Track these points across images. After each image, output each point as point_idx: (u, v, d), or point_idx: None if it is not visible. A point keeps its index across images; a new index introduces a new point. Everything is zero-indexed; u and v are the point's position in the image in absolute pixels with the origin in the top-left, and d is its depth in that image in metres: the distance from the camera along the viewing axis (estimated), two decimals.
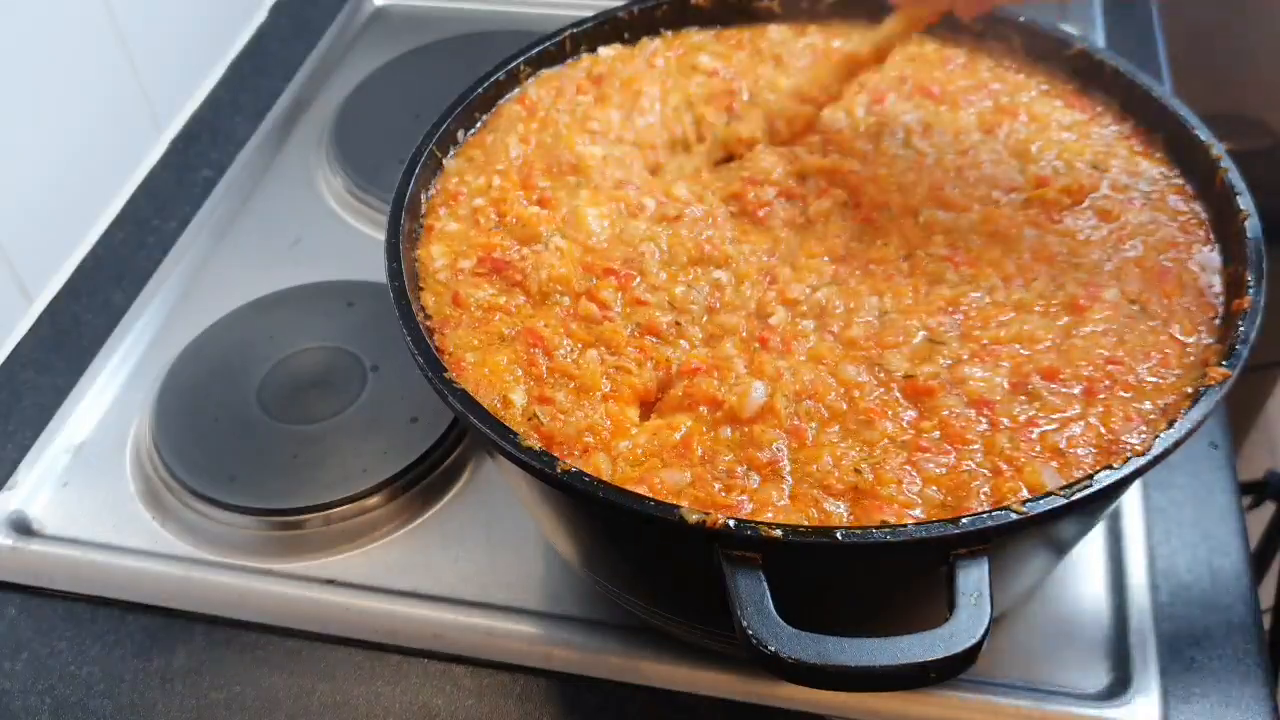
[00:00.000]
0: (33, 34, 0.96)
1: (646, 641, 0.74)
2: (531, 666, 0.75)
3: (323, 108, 1.16)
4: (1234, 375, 0.59)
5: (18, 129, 0.96)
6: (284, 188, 1.08)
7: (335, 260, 0.99)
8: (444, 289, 0.70)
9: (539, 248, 0.72)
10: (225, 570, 0.79)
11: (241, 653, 0.76)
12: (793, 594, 0.51)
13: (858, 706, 0.71)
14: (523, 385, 0.65)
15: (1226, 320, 0.64)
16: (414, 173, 0.73)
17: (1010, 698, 0.71)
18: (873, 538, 0.53)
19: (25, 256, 0.97)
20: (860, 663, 0.50)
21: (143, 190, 1.09)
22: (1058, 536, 0.65)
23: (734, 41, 0.87)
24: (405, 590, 0.77)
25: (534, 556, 0.79)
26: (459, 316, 0.69)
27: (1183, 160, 0.74)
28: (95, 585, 0.79)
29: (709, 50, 0.86)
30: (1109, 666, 0.73)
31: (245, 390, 0.87)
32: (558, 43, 0.83)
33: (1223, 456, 0.83)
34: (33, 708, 0.74)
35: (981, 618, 0.51)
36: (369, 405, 0.86)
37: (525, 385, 0.65)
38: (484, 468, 0.84)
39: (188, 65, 1.18)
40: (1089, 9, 1.22)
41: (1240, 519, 0.80)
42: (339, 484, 0.81)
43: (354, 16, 1.28)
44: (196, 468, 0.82)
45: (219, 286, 0.98)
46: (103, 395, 0.91)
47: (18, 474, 0.85)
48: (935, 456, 0.59)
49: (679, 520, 0.53)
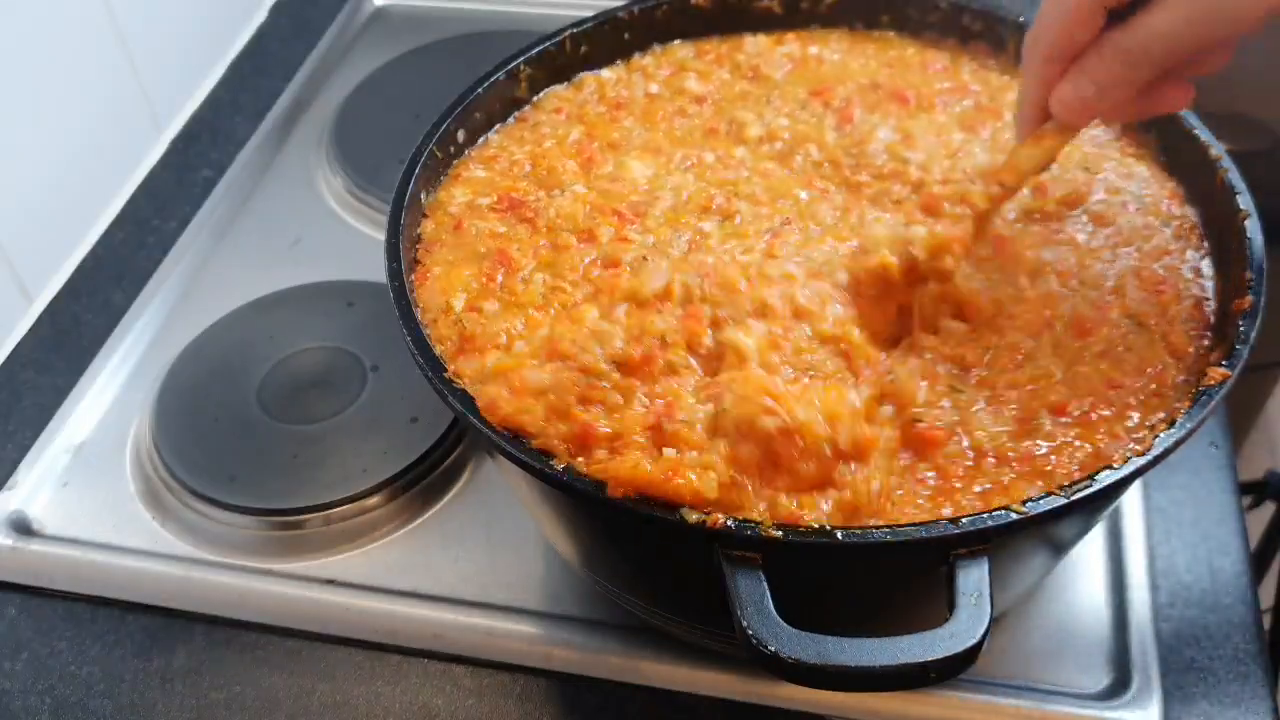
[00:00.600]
0: (33, 34, 0.96)
1: (646, 641, 0.74)
2: (531, 666, 0.75)
3: (323, 108, 1.16)
4: (1234, 375, 0.59)
5: (18, 129, 0.96)
6: (284, 188, 1.08)
7: (335, 260, 0.99)
8: (448, 218, 0.72)
9: (557, 192, 0.74)
10: (225, 570, 0.79)
11: (241, 653, 0.76)
12: (793, 594, 0.51)
13: (858, 706, 0.71)
14: (466, 295, 0.67)
15: (1223, 323, 0.64)
16: (414, 173, 0.73)
17: (1010, 698, 0.71)
18: (873, 538, 0.53)
19: (25, 256, 0.97)
20: (860, 663, 0.50)
21: (143, 190, 1.09)
22: (1058, 536, 0.65)
23: (712, 57, 0.85)
24: (405, 590, 0.77)
25: (534, 556, 0.79)
26: (450, 240, 0.71)
27: (1180, 160, 0.74)
28: (95, 585, 0.79)
29: (692, 69, 0.85)
30: (1109, 666, 0.73)
31: (245, 390, 0.87)
32: (558, 43, 0.83)
33: (1223, 456, 0.83)
34: (33, 708, 0.74)
35: (981, 618, 0.50)
36: (369, 405, 0.86)
37: (469, 295, 0.67)
38: (484, 468, 0.84)
39: (188, 65, 1.18)
40: None
41: (1240, 519, 0.80)
42: (339, 484, 0.81)
43: (354, 16, 1.28)
44: (196, 468, 0.82)
45: (219, 286, 0.98)
46: (103, 395, 0.91)
47: (18, 474, 0.85)
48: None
49: (679, 520, 0.53)
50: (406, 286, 0.66)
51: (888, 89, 0.81)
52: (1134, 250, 0.69)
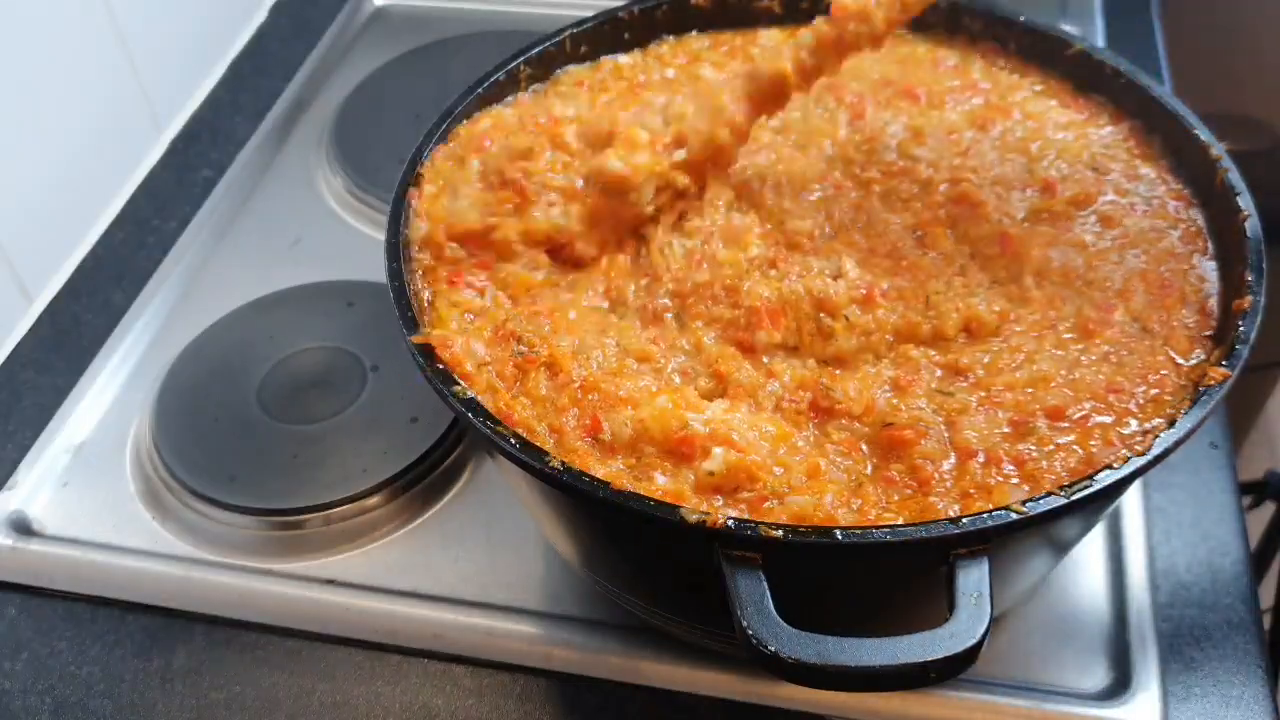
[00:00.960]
0: (33, 34, 0.96)
1: (646, 641, 0.74)
2: (531, 666, 0.75)
3: (323, 108, 1.16)
4: (1234, 375, 0.59)
5: (18, 129, 0.96)
6: (284, 188, 1.08)
7: (335, 260, 0.99)
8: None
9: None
10: (225, 570, 0.79)
11: (241, 653, 0.76)
12: (793, 594, 0.51)
13: (858, 706, 0.71)
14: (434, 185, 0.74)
15: (1223, 323, 0.64)
16: (414, 173, 0.73)
17: (1010, 698, 0.71)
18: (873, 538, 0.53)
19: (25, 256, 0.97)
20: (860, 663, 0.50)
21: (143, 190, 1.09)
22: (1058, 536, 0.65)
23: (727, 49, 0.85)
24: (405, 590, 0.77)
25: (534, 556, 0.79)
26: (453, 172, 0.75)
27: (1182, 161, 0.74)
28: (95, 585, 0.79)
29: (708, 59, 0.85)
30: (1109, 666, 0.73)
31: (245, 390, 0.87)
32: (558, 43, 0.83)
33: (1223, 456, 0.83)
34: (33, 708, 0.74)
35: (981, 618, 0.51)
36: (369, 405, 0.86)
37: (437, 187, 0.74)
38: (484, 468, 0.84)
39: (188, 65, 1.18)
40: (1089, 9, 1.22)
41: (1240, 519, 0.80)
42: (339, 484, 0.81)
43: (354, 16, 1.28)
44: (196, 468, 0.82)
45: (219, 286, 0.98)
46: (103, 395, 0.91)
47: (18, 474, 0.85)
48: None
49: (679, 520, 0.53)
50: (406, 286, 0.66)
51: (899, 86, 0.81)
52: (1141, 252, 0.69)
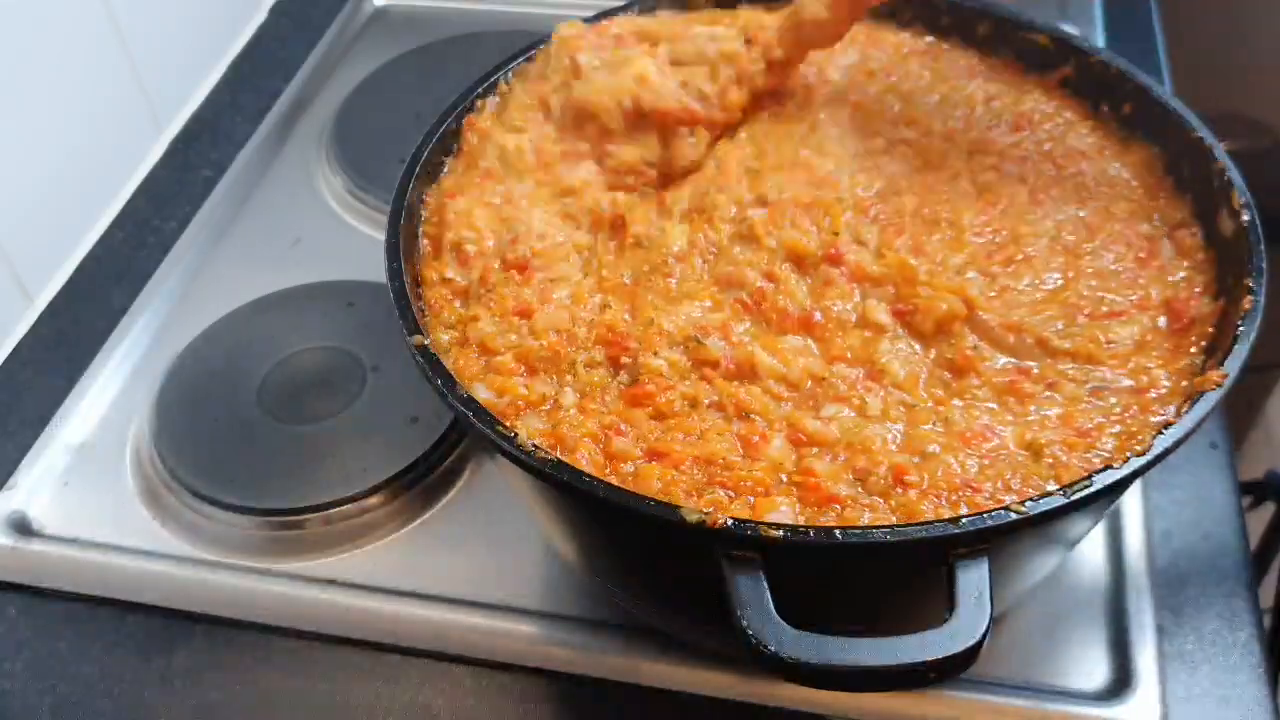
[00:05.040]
0: (33, 34, 0.96)
1: (646, 641, 0.74)
2: (531, 666, 0.75)
3: (323, 108, 1.16)
4: (1234, 375, 0.59)
5: (18, 129, 0.96)
6: (284, 188, 1.08)
7: (335, 260, 0.99)
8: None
9: None
10: (225, 570, 0.79)
11: (241, 653, 0.76)
12: (793, 594, 0.51)
13: (858, 706, 0.71)
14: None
15: (1223, 323, 0.64)
16: (414, 173, 0.73)
17: (1010, 697, 0.71)
18: (873, 537, 0.53)
19: (25, 256, 0.97)
20: (860, 663, 0.50)
21: (143, 190, 1.09)
22: (1058, 536, 0.65)
23: None
24: (405, 590, 0.77)
25: (534, 556, 0.79)
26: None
27: (1182, 161, 0.74)
28: (95, 585, 0.79)
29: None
30: (1109, 666, 0.73)
31: (245, 390, 0.87)
32: None
33: (1223, 456, 0.83)
34: (33, 708, 0.74)
35: (981, 618, 0.51)
36: (369, 405, 0.86)
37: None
38: (484, 468, 0.84)
39: (188, 65, 1.18)
40: (1089, 9, 1.22)
41: (1240, 519, 0.80)
42: (339, 484, 0.81)
43: (354, 16, 1.28)
44: (196, 468, 0.82)
45: (219, 286, 0.98)
46: (103, 395, 0.91)
47: (18, 474, 0.85)
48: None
49: (679, 520, 0.53)
50: (406, 287, 0.66)
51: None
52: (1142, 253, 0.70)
